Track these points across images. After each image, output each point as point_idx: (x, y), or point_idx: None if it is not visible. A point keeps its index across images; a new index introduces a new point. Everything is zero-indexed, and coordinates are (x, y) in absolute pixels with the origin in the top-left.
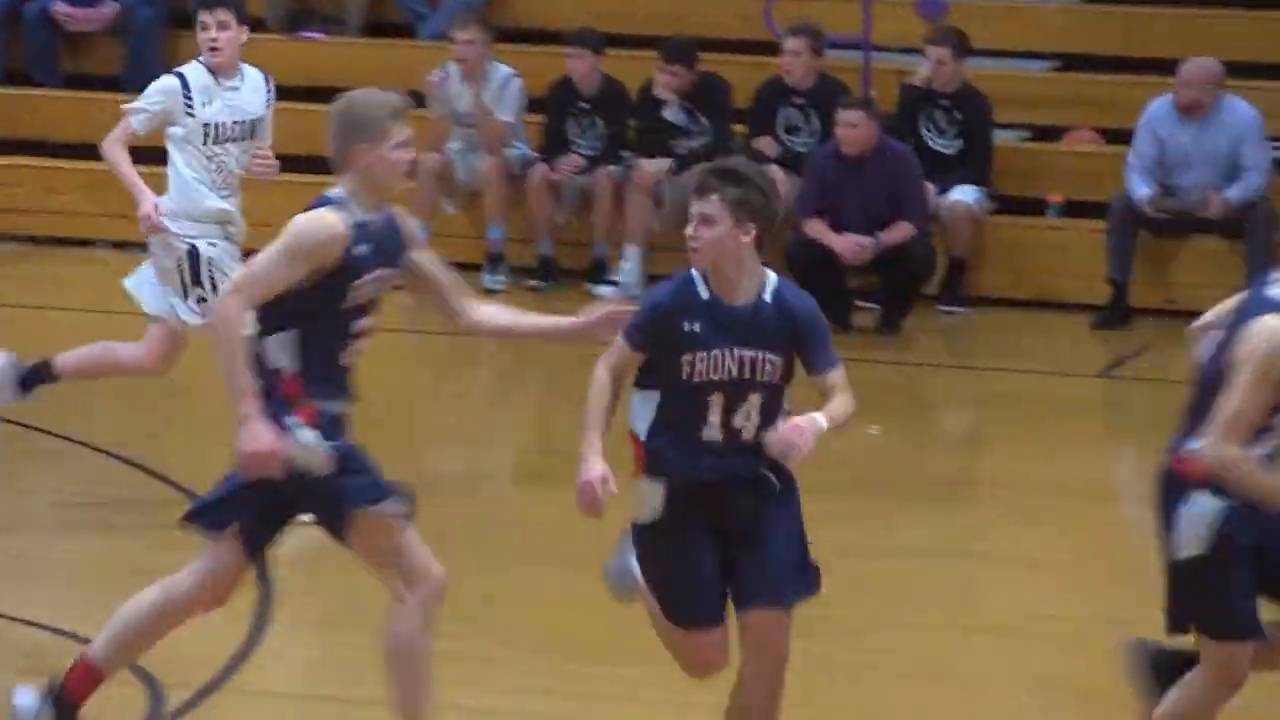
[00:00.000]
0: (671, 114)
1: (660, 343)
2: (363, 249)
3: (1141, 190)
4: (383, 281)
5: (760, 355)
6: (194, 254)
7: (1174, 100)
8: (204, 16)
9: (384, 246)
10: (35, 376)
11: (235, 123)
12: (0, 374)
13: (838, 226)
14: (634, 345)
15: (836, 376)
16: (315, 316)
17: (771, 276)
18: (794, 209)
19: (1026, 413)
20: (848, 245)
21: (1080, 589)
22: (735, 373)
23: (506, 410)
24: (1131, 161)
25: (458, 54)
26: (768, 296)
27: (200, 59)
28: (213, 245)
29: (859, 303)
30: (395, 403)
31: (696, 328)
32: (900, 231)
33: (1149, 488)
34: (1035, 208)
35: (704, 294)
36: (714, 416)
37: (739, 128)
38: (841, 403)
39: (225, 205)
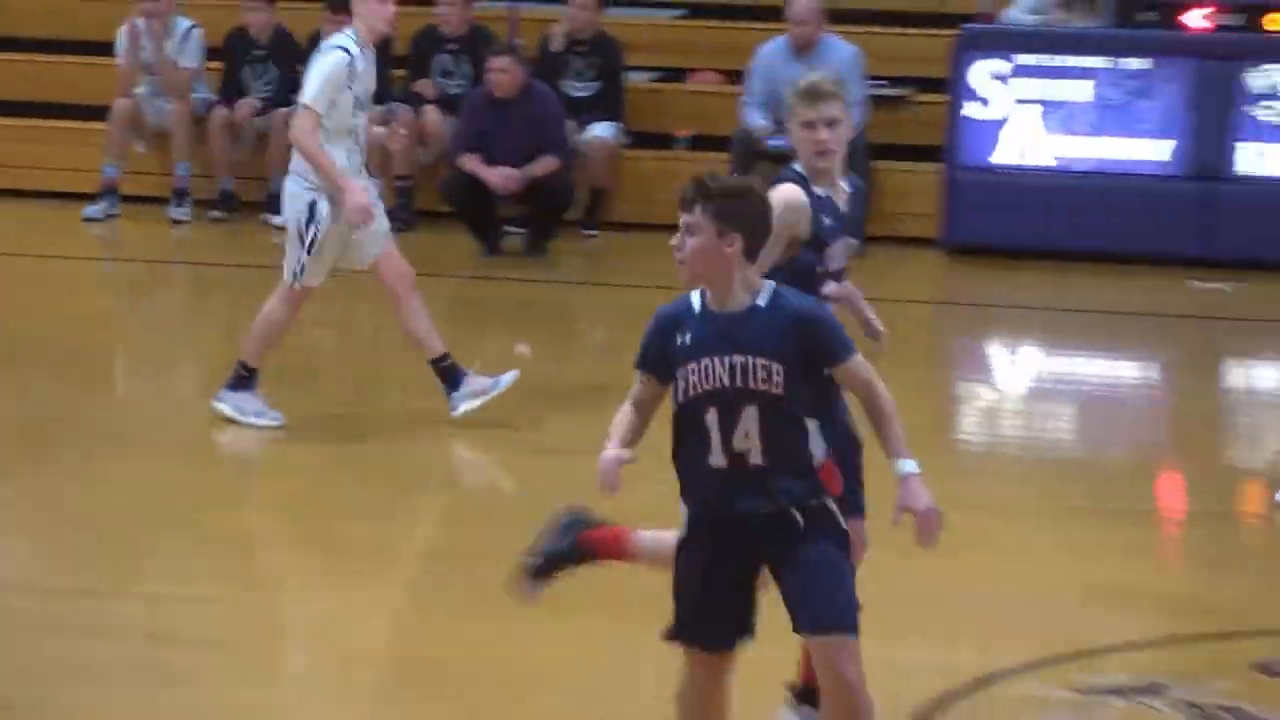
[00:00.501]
0: None
1: (665, 362)
2: (827, 221)
3: (758, 122)
4: (850, 248)
5: (750, 360)
6: (313, 206)
7: (789, 40)
8: None
9: (845, 216)
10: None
11: (367, 91)
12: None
13: (490, 161)
14: (638, 366)
15: (857, 365)
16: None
17: (769, 285)
18: (449, 146)
19: None
20: (499, 177)
21: None
22: (726, 381)
23: (197, 329)
24: (746, 98)
25: (145, 9)
26: (761, 302)
27: (350, 31)
28: (330, 202)
29: (508, 229)
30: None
31: (688, 339)
32: (545, 165)
33: None
34: (665, 142)
35: (696, 306)
36: (714, 436)
37: (399, 72)
38: (886, 415)
39: (356, 166)
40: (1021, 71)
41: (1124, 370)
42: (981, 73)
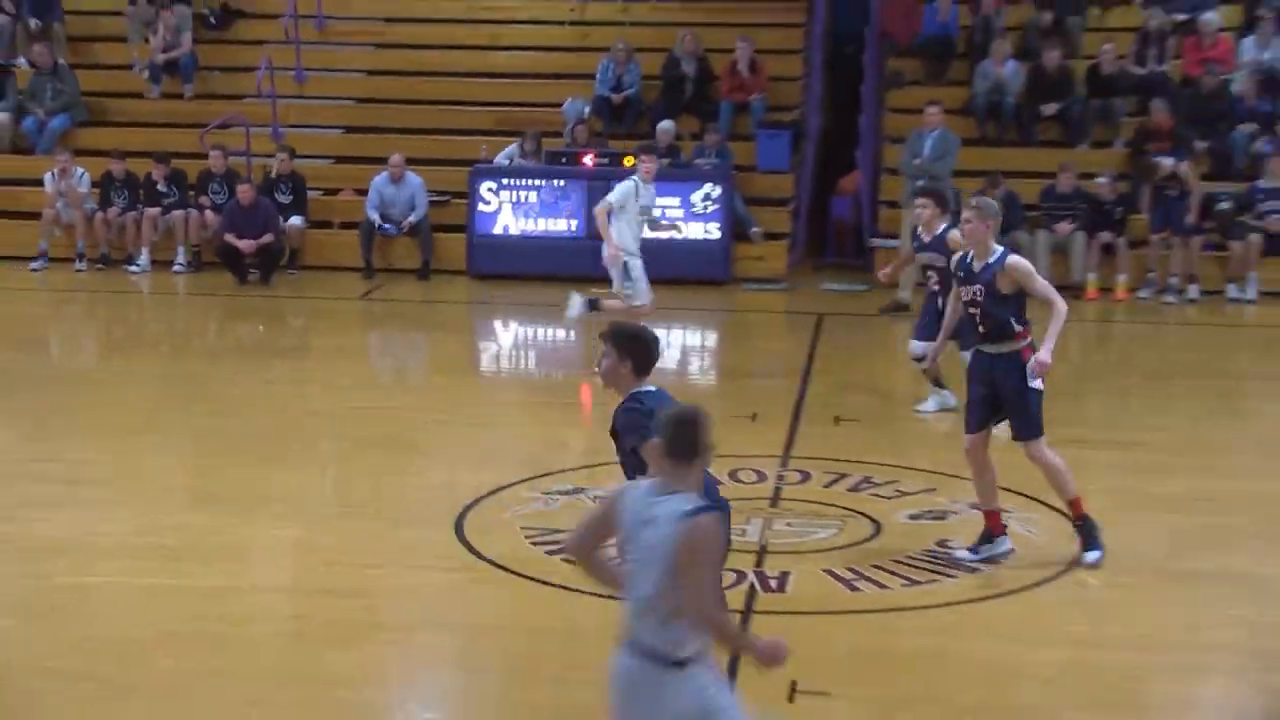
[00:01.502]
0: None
1: None
2: (957, 274)
3: (373, 215)
4: (975, 292)
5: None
6: (625, 266)
7: (389, 173)
8: (648, 158)
9: (976, 274)
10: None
11: (647, 206)
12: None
13: (239, 236)
14: None
15: (646, 451)
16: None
17: (632, 395)
18: (219, 229)
19: (330, 325)
20: (245, 244)
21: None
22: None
23: (91, 321)
24: (367, 203)
25: (58, 164)
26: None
27: (641, 175)
28: (632, 258)
29: (250, 270)
30: None
31: None
32: (267, 238)
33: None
34: (329, 225)
35: None
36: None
37: (191, 192)
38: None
39: (637, 245)
40: (504, 187)
41: (560, 331)
42: (485, 187)
